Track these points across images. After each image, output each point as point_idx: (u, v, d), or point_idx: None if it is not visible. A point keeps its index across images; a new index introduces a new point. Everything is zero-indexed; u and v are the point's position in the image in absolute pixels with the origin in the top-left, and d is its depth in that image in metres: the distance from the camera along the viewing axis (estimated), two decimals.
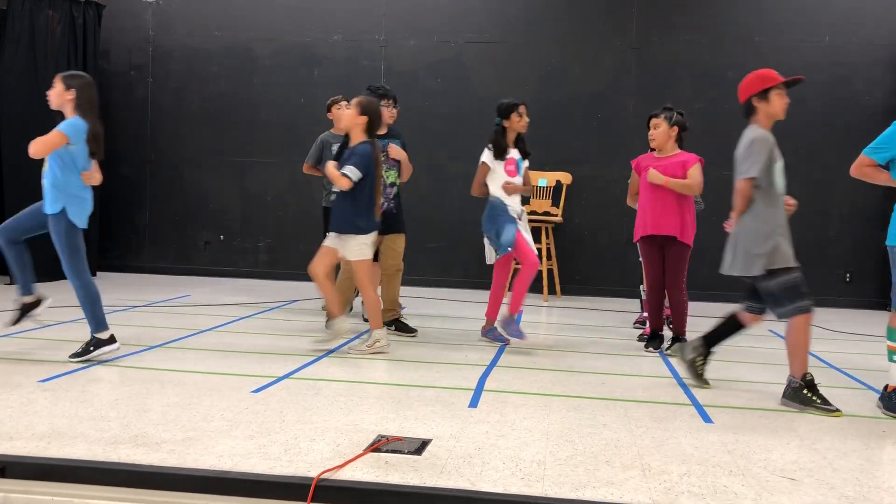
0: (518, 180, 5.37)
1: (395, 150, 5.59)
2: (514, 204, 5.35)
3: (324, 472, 2.68)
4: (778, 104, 4.01)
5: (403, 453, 2.96)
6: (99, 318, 4.39)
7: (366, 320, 5.53)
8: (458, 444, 3.10)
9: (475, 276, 8.55)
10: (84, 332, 4.69)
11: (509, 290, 5.33)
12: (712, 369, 4.32)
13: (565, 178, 8.39)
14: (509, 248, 5.16)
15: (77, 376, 4.06)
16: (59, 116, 4.41)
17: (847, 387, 4.41)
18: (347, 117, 4.95)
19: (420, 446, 3.04)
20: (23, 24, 8.11)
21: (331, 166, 4.88)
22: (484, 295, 5.58)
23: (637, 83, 8.53)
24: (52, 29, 8.32)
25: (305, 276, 8.40)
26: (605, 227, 8.53)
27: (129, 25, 9.28)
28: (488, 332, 5.45)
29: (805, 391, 3.89)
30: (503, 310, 5.34)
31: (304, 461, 2.84)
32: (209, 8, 9.24)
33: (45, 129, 4.31)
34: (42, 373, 4.09)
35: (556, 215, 8.32)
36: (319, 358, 4.73)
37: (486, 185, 5.37)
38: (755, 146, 3.95)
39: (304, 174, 6.64)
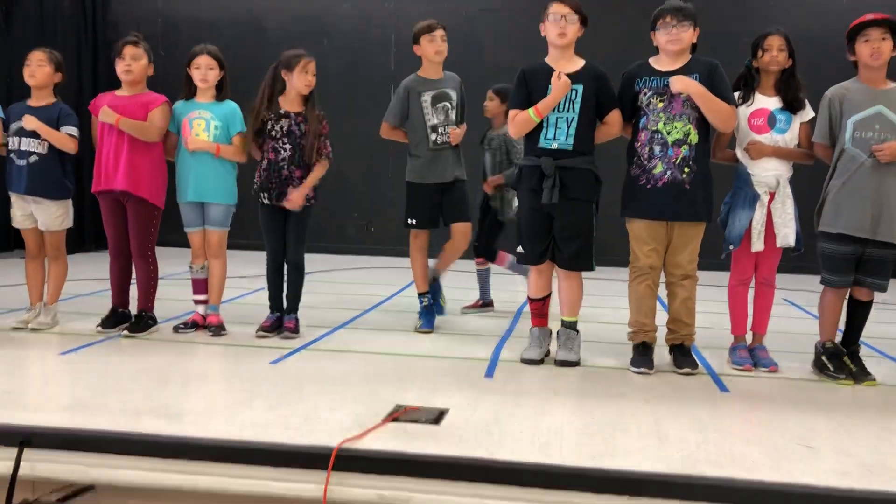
0: (772, 139, 3.93)
1: (682, 82, 3.80)
2: (763, 173, 3.94)
3: (344, 442, 2.71)
4: (861, 52, 3.75)
5: (422, 423, 2.98)
6: None
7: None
8: (475, 414, 3.12)
9: None
10: (103, 305, 4.74)
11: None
12: (725, 335, 4.29)
13: None
14: (731, 247, 4.01)
15: (98, 348, 4.11)
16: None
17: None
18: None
19: (438, 416, 3.07)
20: None
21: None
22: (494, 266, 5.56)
23: (651, 49, 8.42)
24: (62, 2, 8.29)
25: (320, 249, 8.31)
26: (616, 198, 8.50)
27: None
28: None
29: (823, 357, 3.89)
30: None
31: (325, 430, 2.86)
32: None
33: None
34: (63, 345, 4.14)
35: None
36: (336, 328, 4.77)
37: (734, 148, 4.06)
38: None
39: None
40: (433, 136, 4.71)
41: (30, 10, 8.06)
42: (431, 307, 4.89)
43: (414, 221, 4.79)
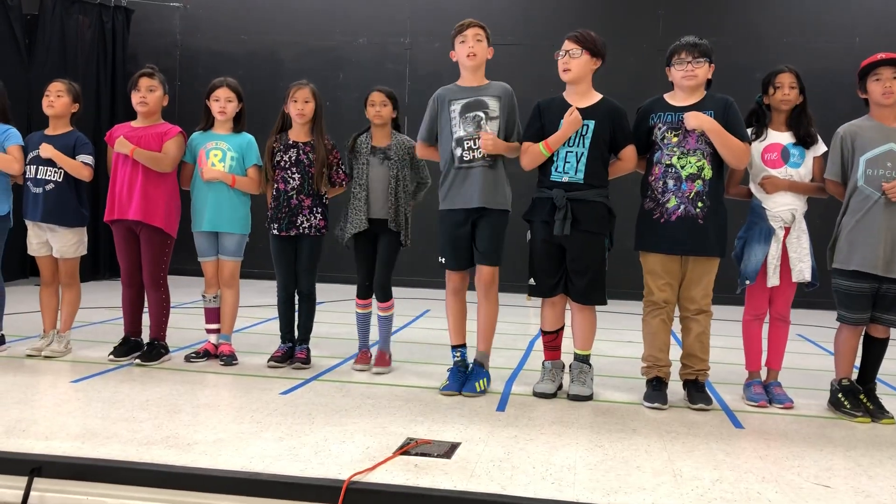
0: (786, 173, 3.95)
1: (696, 118, 3.81)
2: (778, 208, 3.95)
3: (354, 475, 2.69)
4: (873, 90, 3.78)
5: (433, 456, 2.96)
6: None
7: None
8: (487, 448, 3.10)
9: (502, 278, 8.52)
10: (116, 334, 4.75)
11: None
12: (739, 371, 4.26)
13: None
14: (747, 282, 3.99)
15: (108, 377, 4.11)
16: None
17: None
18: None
19: (449, 449, 3.04)
20: (54, 29, 8.25)
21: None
22: (510, 298, 5.52)
23: (663, 85, 8.47)
24: (82, 34, 8.45)
25: (332, 279, 8.30)
26: (629, 231, 8.49)
27: (157, 30, 9.39)
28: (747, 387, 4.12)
29: (839, 395, 3.85)
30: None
31: (335, 463, 2.85)
32: (235, 12, 9.32)
33: None
34: (75, 373, 4.15)
35: None
36: (347, 359, 4.75)
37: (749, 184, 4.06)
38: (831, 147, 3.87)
39: None
40: (458, 151, 3.99)
41: (51, 41, 8.21)
42: (464, 366, 4.14)
43: (443, 260, 4.10)
